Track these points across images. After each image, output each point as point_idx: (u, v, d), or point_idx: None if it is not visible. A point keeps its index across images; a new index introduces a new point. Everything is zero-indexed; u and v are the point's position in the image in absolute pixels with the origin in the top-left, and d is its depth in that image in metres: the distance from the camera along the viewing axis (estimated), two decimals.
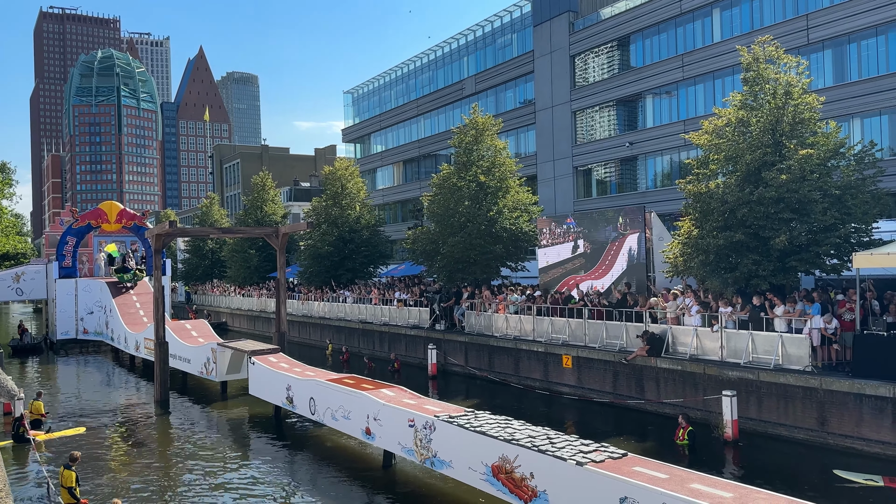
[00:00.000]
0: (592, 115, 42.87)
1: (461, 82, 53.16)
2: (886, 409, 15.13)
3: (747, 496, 8.78)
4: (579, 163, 43.22)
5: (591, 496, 9.79)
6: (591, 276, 26.58)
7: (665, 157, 38.55)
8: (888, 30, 28.74)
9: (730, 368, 18.24)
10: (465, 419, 12.87)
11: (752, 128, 19.95)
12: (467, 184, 31.12)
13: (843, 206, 18.69)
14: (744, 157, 19.50)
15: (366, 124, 66.65)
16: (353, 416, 15.98)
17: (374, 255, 43.14)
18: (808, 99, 19.81)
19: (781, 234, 18.37)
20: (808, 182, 18.51)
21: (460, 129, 32.92)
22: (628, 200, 37.34)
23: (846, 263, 18.81)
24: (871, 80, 29.15)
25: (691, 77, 36.33)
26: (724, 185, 20.19)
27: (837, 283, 21.24)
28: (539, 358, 24.39)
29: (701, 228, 20.71)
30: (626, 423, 19.54)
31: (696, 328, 19.70)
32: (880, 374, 15.48)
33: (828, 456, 15.54)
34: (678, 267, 21.77)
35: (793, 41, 30.22)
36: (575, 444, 11.07)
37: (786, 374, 17.08)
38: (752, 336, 18.20)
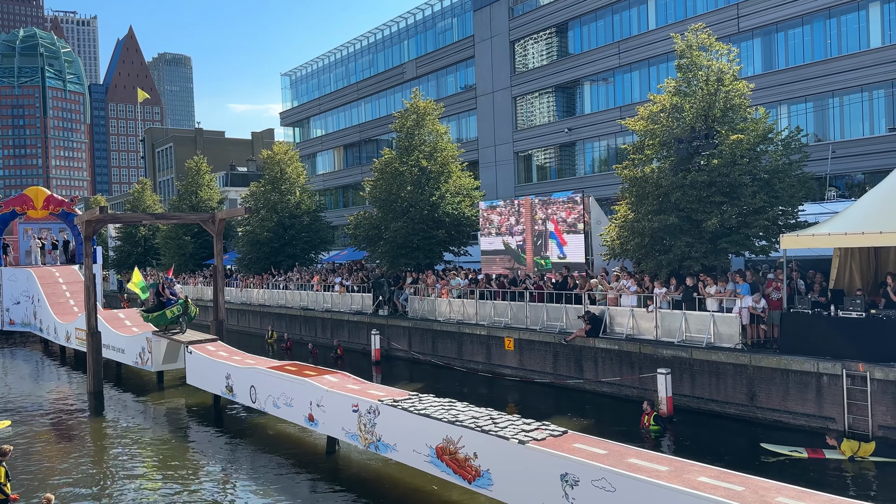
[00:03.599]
0: (532, 100, 43.28)
1: (402, 66, 52.81)
2: (811, 383, 15.91)
3: (682, 468, 9.12)
4: (520, 148, 43.63)
5: (533, 473, 9.99)
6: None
7: (602, 142, 39.30)
8: (813, 20, 29.95)
9: (664, 347, 18.85)
10: (410, 402, 12.92)
11: (686, 113, 20.51)
12: (409, 168, 31.03)
13: (771, 190, 19.46)
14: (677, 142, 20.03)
15: (305, 108, 65.55)
16: (296, 403, 15.83)
17: (315, 241, 42.63)
18: (739, 86, 20.49)
19: (713, 217, 19.01)
20: (738, 166, 19.18)
21: (401, 113, 32.74)
22: (568, 185, 37.94)
23: (774, 245, 19.61)
24: (797, 68, 30.34)
25: (627, 64, 37.06)
26: (659, 169, 20.72)
27: (766, 264, 22.15)
28: (482, 341, 24.64)
29: (637, 212, 21.23)
30: (567, 403, 19.99)
31: (632, 309, 20.26)
32: (805, 351, 16.25)
33: (757, 429, 16.26)
34: (615, 250, 22.29)
35: (724, 29, 31.13)
36: (517, 423, 11.26)
37: (717, 351, 17.76)
38: (685, 316, 18.83)
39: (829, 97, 29.67)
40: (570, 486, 9.38)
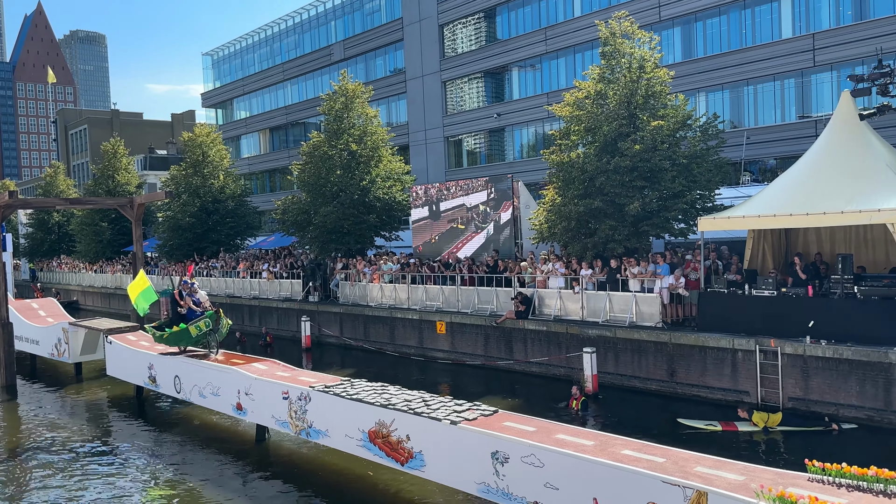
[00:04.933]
0: (462, 85, 43.39)
1: (329, 48, 51.91)
2: (726, 359, 16.74)
3: (607, 442, 9.47)
4: (450, 133, 43.73)
5: (465, 452, 10.16)
6: (464, 242, 27.17)
7: (531, 128, 39.85)
8: (729, 10, 31.13)
9: (590, 327, 19.42)
10: (341, 388, 12.86)
11: (610, 100, 21.03)
12: (339, 152, 30.65)
13: (689, 175, 20.23)
14: (601, 128, 20.56)
15: (227, 89, 63.62)
16: (223, 392, 15.51)
17: (240, 227, 41.58)
18: (660, 73, 21.15)
19: (635, 201, 19.63)
20: (659, 152, 19.83)
21: (329, 95, 32.24)
22: (497, 170, 38.34)
23: (692, 227, 20.42)
24: (715, 56, 31.53)
25: (554, 51, 37.61)
26: (584, 155, 21.22)
27: (684, 246, 23.06)
28: (414, 325, 24.73)
29: (563, 196, 21.68)
30: (497, 383, 20.35)
31: (559, 291, 20.75)
32: (722, 328, 17.07)
33: (677, 404, 17.01)
34: (543, 233, 22.73)
35: (646, 18, 31.99)
36: (449, 405, 11.39)
37: (639, 330, 18.44)
38: (609, 297, 19.44)
39: (744, 85, 31.00)
40: (501, 463, 9.59)
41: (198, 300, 17.36)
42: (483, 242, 26.40)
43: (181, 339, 16.85)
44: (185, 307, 17.25)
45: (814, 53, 28.40)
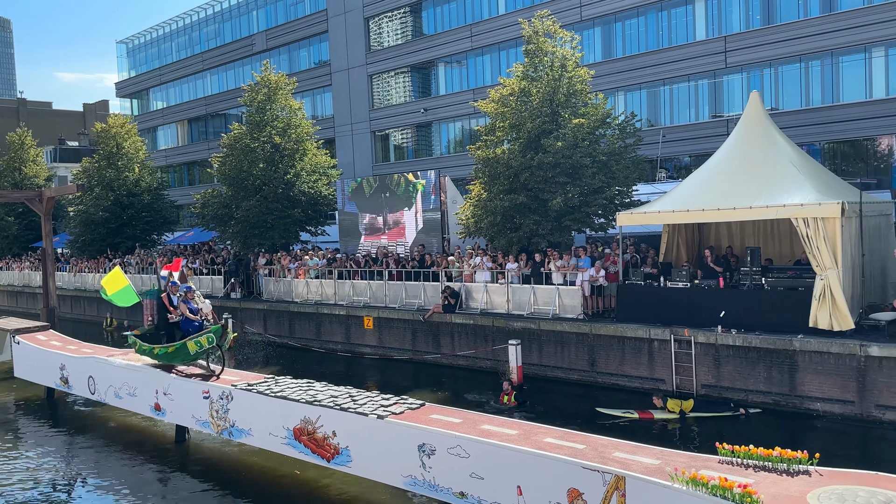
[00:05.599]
0: (388, 79, 43.21)
1: (251, 37, 50.64)
2: (643, 348, 17.39)
3: (530, 431, 9.71)
4: (377, 127, 43.49)
5: (392, 446, 10.19)
6: (392, 237, 27.12)
7: (457, 123, 40.10)
8: (647, 11, 32.18)
9: (515, 320, 19.78)
10: (265, 385, 12.65)
11: (533, 98, 21.43)
12: (261, 145, 29.98)
13: (609, 171, 20.87)
14: (525, 125, 20.93)
15: (144, 78, 61.16)
16: (140, 392, 14.98)
17: (157, 221, 40.10)
18: (581, 72, 21.71)
19: (558, 197, 20.11)
20: (580, 149, 20.37)
21: (251, 86, 31.49)
22: (424, 165, 38.40)
23: (611, 222, 21.09)
24: (633, 57, 32.55)
25: (479, 47, 37.95)
26: (509, 151, 21.55)
27: (605, 240, 23.78)
28: (341, 321, 24.52)
29: (489, 192, 21.97)
30: (425, 377, 20.45)
31: (486, 284, 21.02)
32: (639, 319, 17.71)
33: (598, 392, 17.55)
34: (470, 228, 22.97)
35: (568, 17, 32.70)
36: (376, 399, 11.39)
37: (562, 322, 18.92)
38: (533, 289, 19.84)
39: (661, 85, 32.15)
40: (427, 455, 9.67)
41: (195, 308, 14.48)
42: (418, 226, 26.26)
43: (177, 355, 14.17)
44: (178, 315, 14.56)
45: (725, 55, 29.74)
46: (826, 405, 14.68)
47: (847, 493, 7.25)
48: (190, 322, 14.33)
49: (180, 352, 13.95)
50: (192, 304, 14.49)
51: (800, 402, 15.02)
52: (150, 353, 14.79)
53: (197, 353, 13.76)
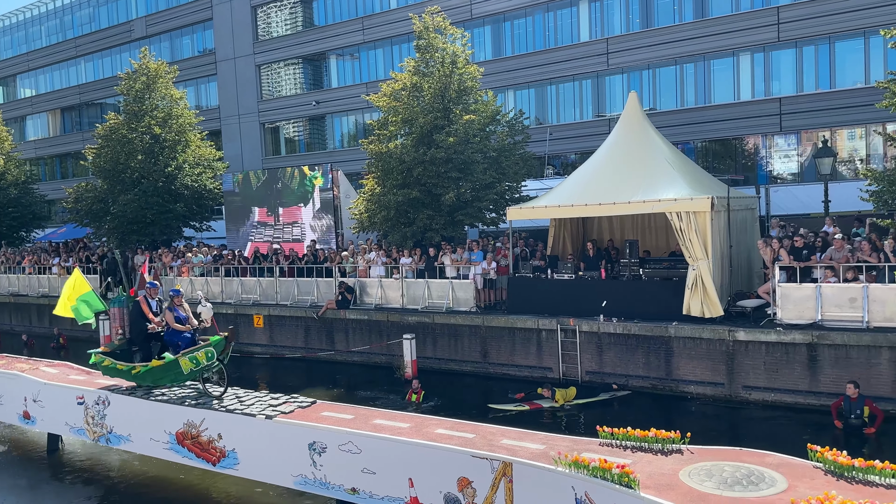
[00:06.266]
0: (278, 70, 42.09)
1: (129, 23, 47.83)
2: (532, 338, 17.92)
3: (422, 424, 9.79)
4: (266, 119, 42.28)
5: (281, 446, 9.98)
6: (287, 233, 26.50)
7: (351, 117, 39.65)
8: (534, 12, 33.04)
9: (409, 314, 19.85)
10: (144, 389, 12.05)
11: (425, 93, 21.55)
12: (140, 136, 28.45)
13: (499, 167, 21.34)
14: (418, 120, 21.02)
15: (9, 64, 56.41)
16: (7, 399, 13.88)
17: (25, 217, 37.19)
18: (471, 69, 22.04)
19: (450, 192, 20.36)
20: (471, 145, 20.70)
21: (129, 74, 29.79)
22: (317, 159, 37.72)
23: (502, 216, 21.57)
24: (522, 56, 33.34)
25: (372, 41, 37.66)
26: (402, 145, 21.57)
27: (496, 234, 24.31)
28: (229, 320, 23.58)
29: (383, 186, 21.92)
30: (318, 375, 20.16)
31: (380, 279, 20.97)
32: (528, 310, 18.23)
33: (490, 382, 17.93)
34: (364, 223, 22.82)
35: (458, 15, 33.02)
36: (265, 399, 11.13)
37: (455, 315, 19.17)
38: (427, 284, 19.99)
39: (548, 85, 33.13)
40: (318, 453, 9.55)
41: (182, 316, 11.80)
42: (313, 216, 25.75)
43: (166, 375, 11.52)
44: (161, 326, 11.95)
45: (607, 57, 31.04)
46: (699, 387, 15.68)
47: (714, 469, 7.79)
48: (177, 334, 11.61)
49: (170, 371, 11.38)
50: (178, 311, 11.82)
51: (675, 385, 15.98)
52: (126, 373, 11.95)
53: (192, 371, 11.27)
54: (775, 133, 28.04)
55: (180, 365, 11.18)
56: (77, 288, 13.73)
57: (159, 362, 11.45)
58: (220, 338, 11.33)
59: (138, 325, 12.18)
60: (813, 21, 26.25)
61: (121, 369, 11.94)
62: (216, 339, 11.25)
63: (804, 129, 27.37)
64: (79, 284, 13.79)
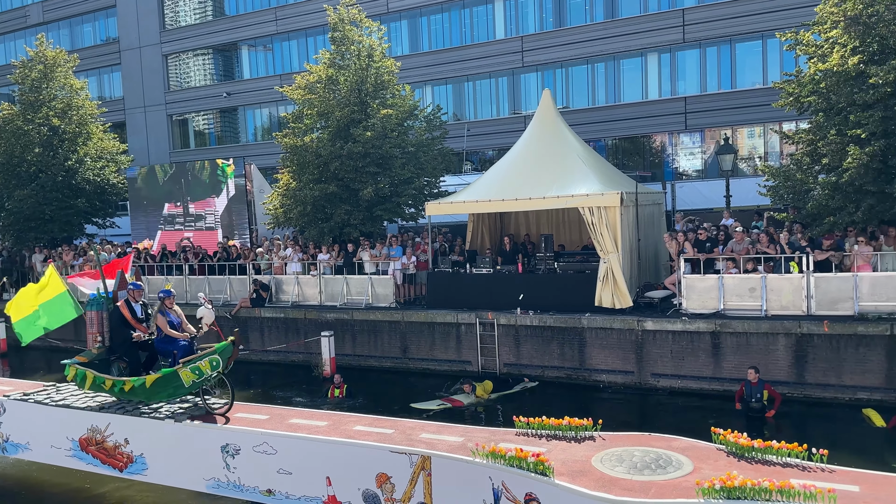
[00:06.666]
0: (187, 60, 40.55)
1: (24, 8, 44.90)
2: (452, 333, 18.03)
3: (340, 421, 9.67)
4: (175, 111, 40.67)
5: (192, 449, 9.65)
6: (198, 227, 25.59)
7: (264, 109, 38.68)
8: (451, 8, 33.18)
9: (328, 311, 19.58)
10: (44, 394, 11.38)
11: (341, 86, 21.27)
12: (37, 127, 26.79)
13: (417, 162, 21.34)
14: (334, 113, 20.74)
15: None
16: None
17: None
18: (388, 63, 21.91)
19: (368, 186, 20.20)
20: (389, 139, 20.60)
21: (24, 62, 28.00)
22: (229, 153, 36.58)
23: (421, 212, 21.58)
24: (439, 51, 33.44)
25: (285, 32, 36.85)
26: (318, 139, 21.22)
27: (415, 229, 24.30)
28: None
29: (298, 181, 21.50)
30: (232, 375, 19.46)
31: (297, 276, 20.58)
32: (447, 304, 18.33)
33: (410, 378, 17.93)
34: (279, 218, 22.32)
35: (375, 8, 32.78)
36: (176, 401, 10.71)
37: (375, 311, 19.06)
38: (346, 280, 19.77)
39: (465, 81, 33.37)
40: (231, 455, 9.28)
41: (176, 321, 10.57)
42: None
43: (164, 389, 9.98)
44: (146, 332, 10.61)
45: (522, 55, 31.55)
46: (610, 376, 16.21)
47: (625, 454, 8.06)
48: (172, 341, 10.33)
49: (169, 384, 9.84)
50: (171, 314, 10.52)
51: (588, 374, 16.45)
52: (114, 388, 10.24)
53: (194, 383, 9.82)
54: (681, 131, 29.29)
55: (180, 377, 9.74)
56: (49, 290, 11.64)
57: (155, 376, 9.91)
58: (227, 343, 9.90)
59: (120, 333, 10.70)
60: (715, 23, 27.55)
61: (108, 385, 10.25)
62: (222, 346, 9.83)
63: (707, 128, 28.71)
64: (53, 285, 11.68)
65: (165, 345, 10.40)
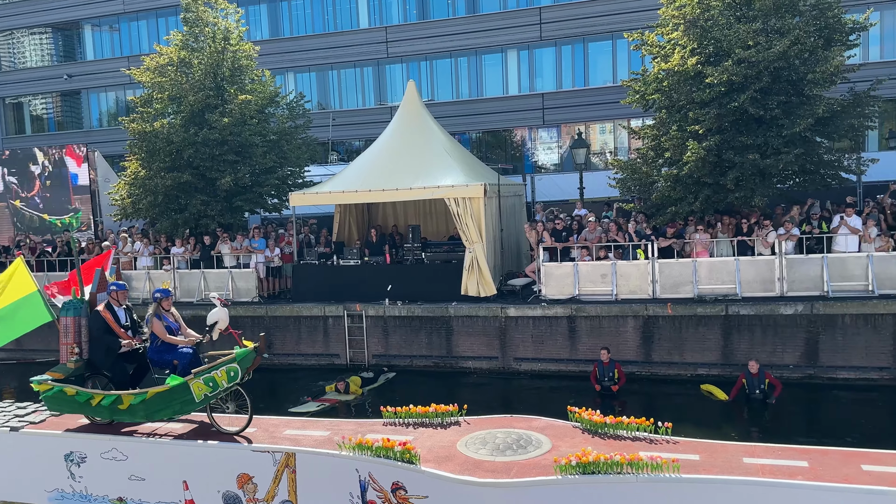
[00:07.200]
0: (21, 39, 36.89)
1: None
2: (319, 326, 17.72)
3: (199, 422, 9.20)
4: (7, 93, 36.94)
5: (32, 459, 8.87)
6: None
7: (111, 93, 36.02)
8: None
9: (183, 308, 18.37)
10: None
11: (195, 69, 20.20)
12: None
13: (280, 151, 20.72)
14: (187, 97, 19.66)
15: None
16: None
17: None
18: (245, 47, 21.05)
19: (227, 176, 19.34)
20: (248, 126, 19.83)
21: None
22: (71, 139, 33.73)
23: (285, 202, 20.99)
24: (301, 38, 32.65)
25: (133, 11, 34.51)
26: (170, 125, 20.05)
27: (279, 221, 23.61)
28: None
29: (148, 169, 20.22)
30: None
31: (148, 271, 19.37)
32: (313, 297, 17.97)
33: (276, 375, 17.37)
34: (127, 209, 20.88)
35: None
36: (9, 409, 9.80)
37: (237, 306, 18.24)
38: (203, 274, 18.86)
39: (329, 69, 32.82)
40: (77, 464, 8.60)
41: (174, 325, 9.10)
42: None
43: (169, 405, 8.49)
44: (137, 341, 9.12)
45: (387, 45, 31.48)
46: (476, 362, 16.61)
47: (488, 437, 8.27)
48: (171, 350, 8.81)
49: (174, 398, 8.38)
50: (168, 318, 9.07)
51: (455, 361, 16.77)
52: (106, 408, 8.56)
53: (206, 397, 8.40)
54: (539, 126, 30.51)
55: (191, 390, 8.30)
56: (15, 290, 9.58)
57: (160, 388, 8.40)
58: (248, 350, 8.56)
59: (102, 343, 9.12)
60: (570, 23, 28.88)
61: (96, 401, 8.56)
62: (243, 353, 8.47)
63: (563, 123, 30.10)
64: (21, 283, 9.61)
65: (162, 354, 8.81)
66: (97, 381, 9.25)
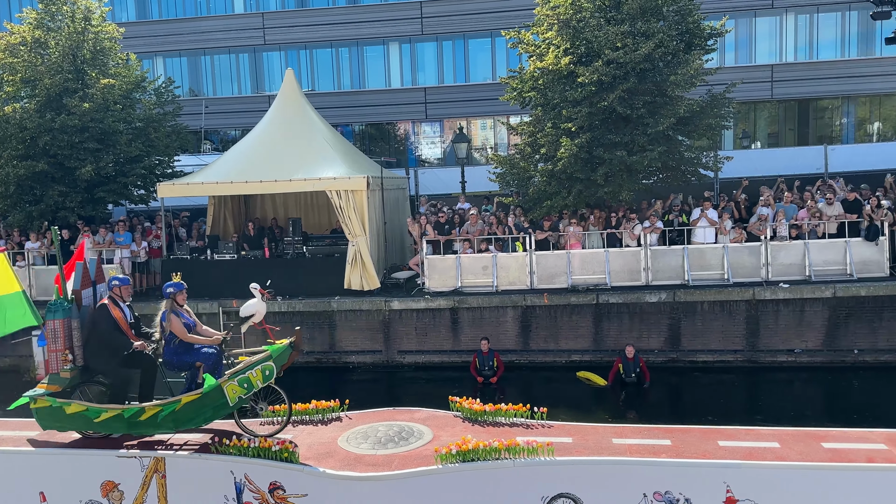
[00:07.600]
0: None
1: None
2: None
3: None
4: None
5: None
6: None
7: None
8: None
9: (41, 307, 17.06)
10: None
11: (52, 51, 18.69)
12: None
13: (147, 139, 19.57)
14: (43, 80, 18.15)
15: None
16: None
17: None
18: (109, 28, 19.71)
19: (88, 165, 18.07)
20: (112, 112, 18.60)
21: None
22: None
23: (153, 194, 19.84)
24: (171, 21, 30.94)
25: None
26: (23, 109, 18.43)
27: (148, 214, 22.29)
28: None
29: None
30: None
31: None
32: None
33: None
34: None
35: None
36: None
37: None
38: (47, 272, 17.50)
39: (202, 55, 31.34)
40: None
41: (191, 322, 8.23)
42: None
43: (200, 412, 7.68)
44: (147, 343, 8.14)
45: (264, 32, 30.46)
46: (360, 356, 16.48)
47: (370, 430, 8.24)
48: (190, 350, 7.96)
49: (207, 404, 7.60)
50: (184, 314, 8.26)
51: (339, 356, 16.56)
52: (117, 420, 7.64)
53: (240, 400, 7.64)
54: (422, 120, 30.65)
55: (225, 393, 7.56)
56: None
57: (193, 395, 7.60)
58: (284, 345, 7.85)
59: (109, 343, 8.06)
60: (451, 19, 29.17)
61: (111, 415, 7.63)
62: (278, 349, 7.77)
63: (446, 118, 30.40)
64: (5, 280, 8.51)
65: (181, 356, 7.98)
66: (88, 391, 8.28)
